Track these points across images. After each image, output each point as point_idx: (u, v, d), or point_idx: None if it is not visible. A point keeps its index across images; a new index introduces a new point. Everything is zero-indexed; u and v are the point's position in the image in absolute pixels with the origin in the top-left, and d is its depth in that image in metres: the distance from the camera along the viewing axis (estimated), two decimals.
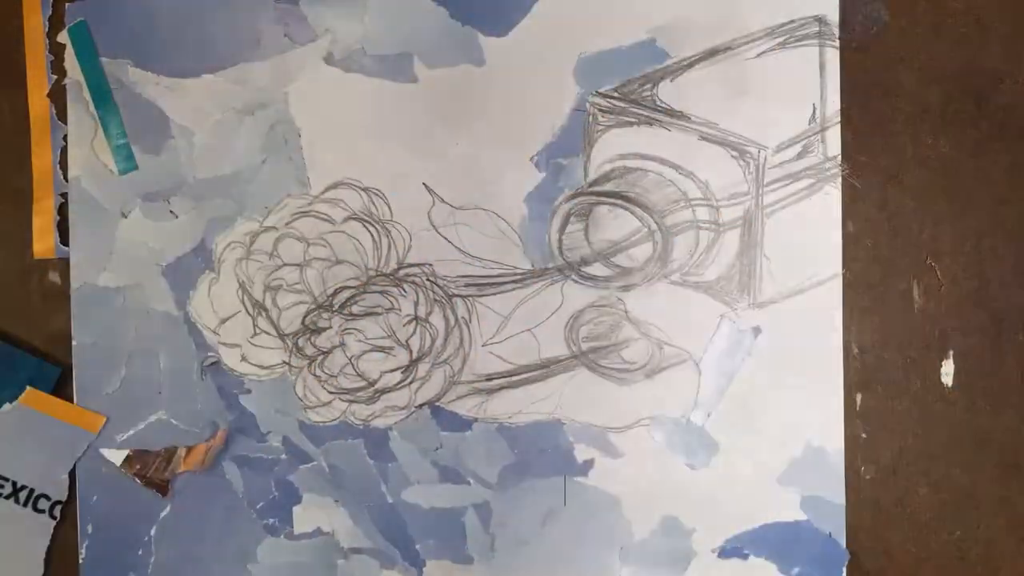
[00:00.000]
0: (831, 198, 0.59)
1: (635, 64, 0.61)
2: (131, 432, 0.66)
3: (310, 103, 0.65)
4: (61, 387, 0.67)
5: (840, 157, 0.59)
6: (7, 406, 0.65)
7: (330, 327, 0.65)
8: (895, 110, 0.59)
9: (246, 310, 0.66)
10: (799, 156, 0.59)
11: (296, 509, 0.66)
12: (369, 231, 0.64)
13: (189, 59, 0.66)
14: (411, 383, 0.64)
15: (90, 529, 0.67)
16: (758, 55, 0.60)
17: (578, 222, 0.62)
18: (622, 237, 0.62)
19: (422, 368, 0.64)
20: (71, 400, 0.66)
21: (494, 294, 0.63)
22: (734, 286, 0.60)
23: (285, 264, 0.65)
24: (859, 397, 0.59)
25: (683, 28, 0.61)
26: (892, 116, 0.59)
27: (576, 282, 0.62)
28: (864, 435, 0.60)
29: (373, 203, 0.64)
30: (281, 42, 0.65)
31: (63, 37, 0.67)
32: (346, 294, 0.64)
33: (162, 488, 0.65)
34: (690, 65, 0.61)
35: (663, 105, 0.61)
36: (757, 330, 0.60)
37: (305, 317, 0.65)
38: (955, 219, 0.58)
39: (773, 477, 0.60)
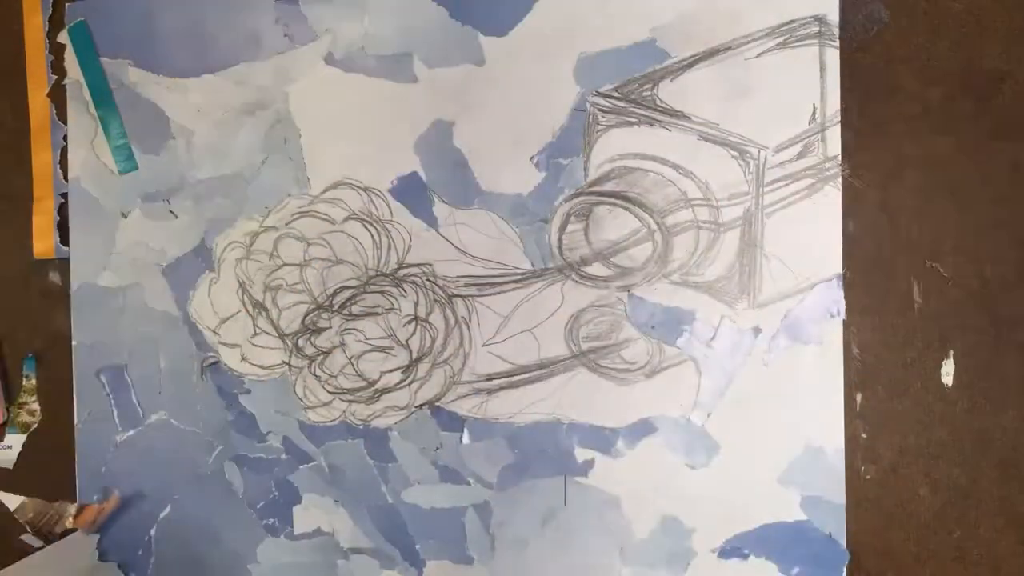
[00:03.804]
0: (831, 198, 0.59)
1: (635, 64, 0.61)
2: (131, 432, 0.66)
3: (310, 103, 0.65)
4: (60, 386, 0.67)
5: (840, 157, 0.59)
6: None
7: (330, 327, 0.65)
8: (895, 110, 0.59)
9: (246, 310, 0.66)
10: (799, 156, 0.59)
11: (296, 509, 0.66)
12: (369, 231, 0.64)
13: (189, 59, 0.66)
14: (411, 383, 0.64)
15: None
16: (758, 55, 0.60)
17: (578, 222, 0.62)
18: (622, 237, 0.62)
19: (422, 368, 0.64)
20: (71, 400, 0.66)
21: (494, 294, 0.63)
22: (734, 286, 0.60)
23: (285, 264, 0.65)
24: (859, 397, 0.59)
25: (683, 28, 0.61)
26: (892, 116, 0.59)
27: (576, 282, 0.62)
28: (864, 435, 0.59)
29: (373, 203, 0.64)
30: (281, 42, 0.65)
31: (63, 37, 0.67)
32: (346, 294, 0.64)
33: (47, 540, 0.64)
34: (690, 65, 0.61)
35: (663, 105, 0.61)
36: (757, 330, 0.60)
37: (305, 317, 0.65)
38: (955, 219, 0.58)
39: (773, 477, 0.60)
